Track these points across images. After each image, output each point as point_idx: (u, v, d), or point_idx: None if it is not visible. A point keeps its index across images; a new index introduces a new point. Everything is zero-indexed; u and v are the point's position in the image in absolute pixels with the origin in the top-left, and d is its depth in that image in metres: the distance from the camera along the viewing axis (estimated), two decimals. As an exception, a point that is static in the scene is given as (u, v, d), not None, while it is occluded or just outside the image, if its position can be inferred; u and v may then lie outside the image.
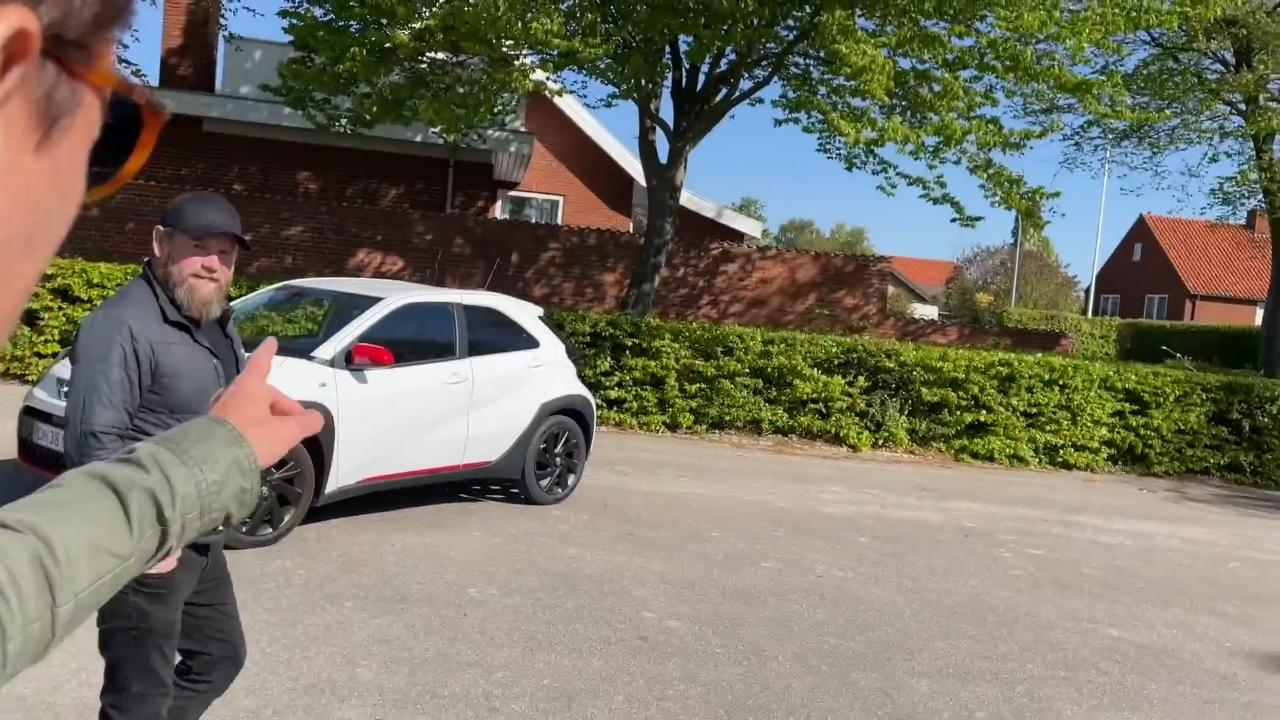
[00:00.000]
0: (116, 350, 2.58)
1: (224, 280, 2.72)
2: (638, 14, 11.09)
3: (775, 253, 17.20)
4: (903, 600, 6.30)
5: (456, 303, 7.55)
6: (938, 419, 12.40)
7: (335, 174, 16.70)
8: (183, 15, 16.99)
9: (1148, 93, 17.50)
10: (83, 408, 2.57)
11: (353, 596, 5.33)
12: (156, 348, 2.62)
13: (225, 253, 2.70)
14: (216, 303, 2.72)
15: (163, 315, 2.65)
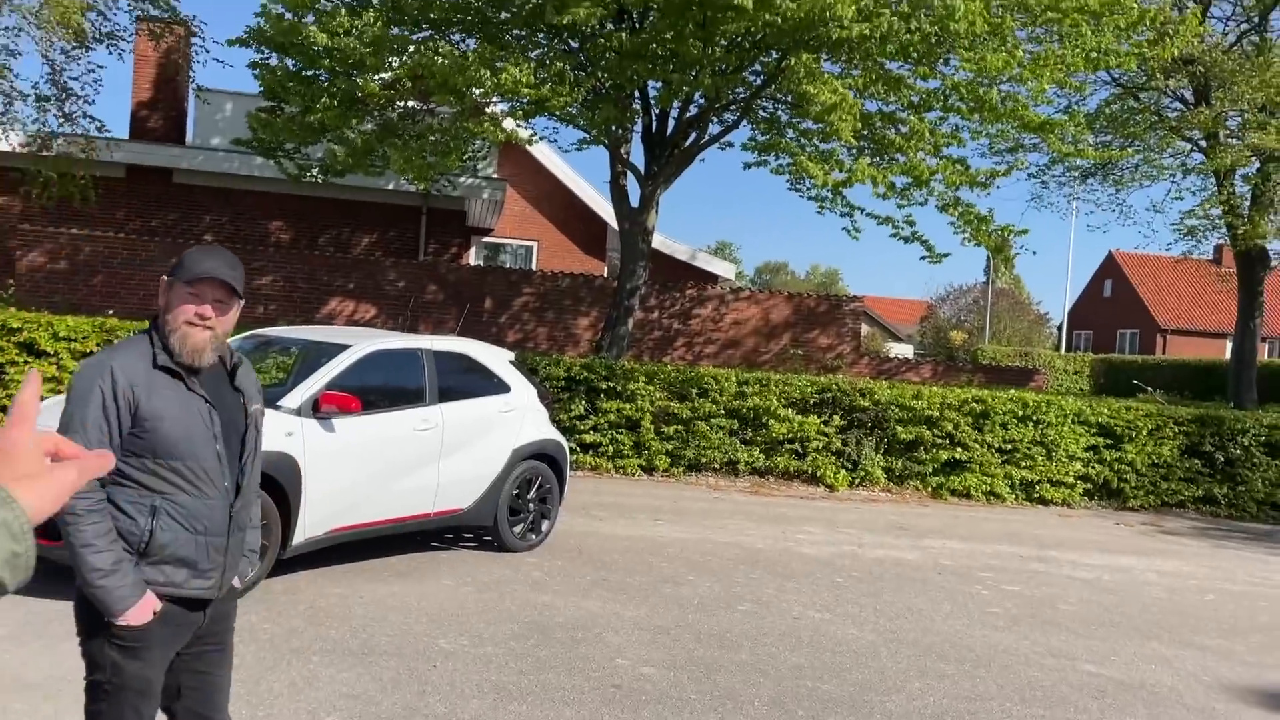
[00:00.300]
0: (95, 392, 2.60)
1: (220, 329, 2.70)
2: (607, 61, 11.20)
3: (749, 294, 17.28)
4: (880, 641, 6.23)
5: (426, 349, 7.50)
6: (913, 457, 12.41)
7: (307, 223, 16.67)
8: (153, 69, 17.02)
9: (1110, 131, 17.82)
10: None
11: (320, 650, 5.21)
12: (138, 391, 2.62)
13: (221, 302, 2.69)
14: (210, 350, 2.70)
15: (153, 360, 2.67)
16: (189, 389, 2.71)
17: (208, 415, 2.72)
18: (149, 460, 2.64)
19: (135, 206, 16.15)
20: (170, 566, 2.68)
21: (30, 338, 10.89)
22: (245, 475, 2.82)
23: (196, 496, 2.70)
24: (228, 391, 2.84)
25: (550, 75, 10.63)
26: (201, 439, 2.69)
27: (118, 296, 14.45)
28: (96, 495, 2.59)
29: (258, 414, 2.92)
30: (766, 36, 10.47)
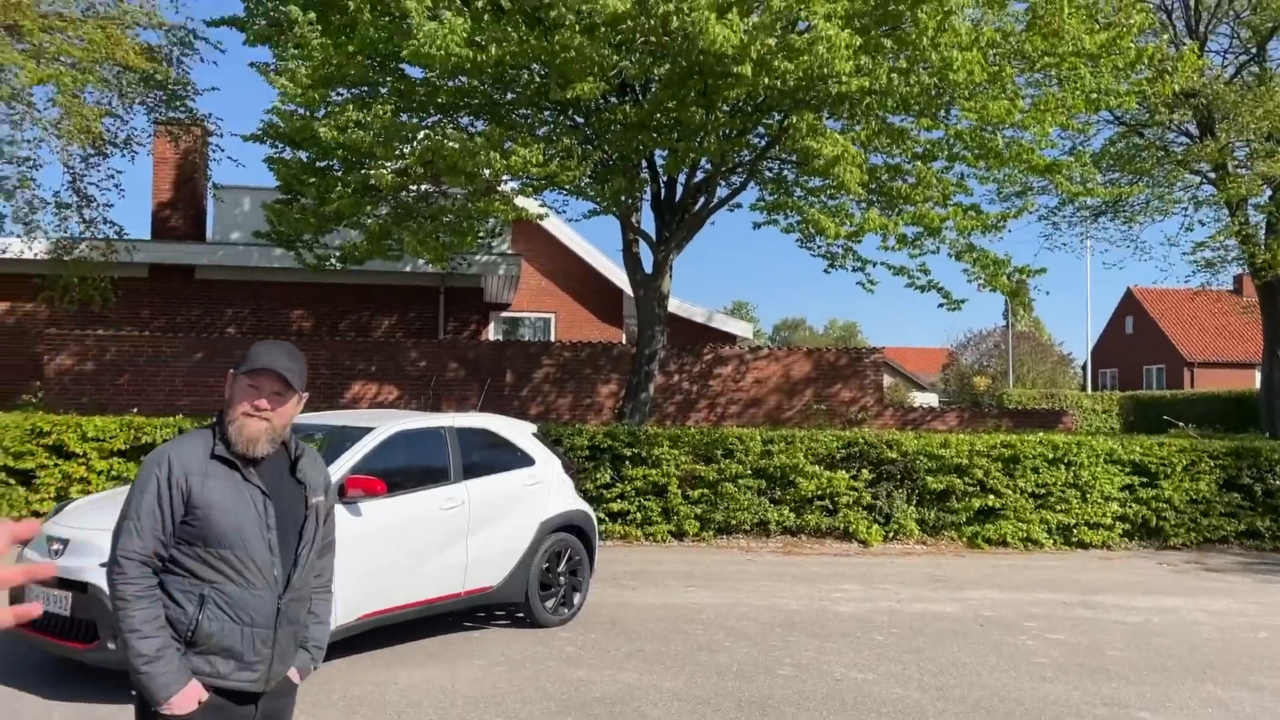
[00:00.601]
0: (152, 480, 2.68)
1: (277, 421, 2.74)
2: (612, 133, 11.39)
3: (768, 352, 17.28)
4: (925, 699, 6.09)
5: (448, 426, 7.52)
6: (946, 507, 12.24)
7: (327, 309, 16.88)
8: (171, 170, 17.45)
9: (1117, 169, 17.86)
10: (117, 534, 2.69)
11: (355, 740, 5.13)
12: (192, 479, 2.67)
13: (278, 394, 2.73)
14: (265, 441, 2.73)
15: (211, 450, 2.73)
16: (244, 479, 2.73)
17: (261, 505, 2.74)
18: (200, 548, 2.67)
19: (159, 304, 16.42)
20: (216, 657, 2.68)
21: (59, 440, 11.01)
22: (299, 567, 2.80)
23: (244, 587, 2.70)
24: (288, 482, 2.84)
25: (558, 151, 10.80)
26: (252, 529, 2.70)
27: (144, 394, 14.61)
28: (148, 582, 2.64)
29: (319, 506, 2.90)
30: (767, 99, 10.63)
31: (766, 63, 9.05)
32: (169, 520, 2.67)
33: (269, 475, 2.80)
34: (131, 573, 2.63)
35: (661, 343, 13.57)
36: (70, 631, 5.70)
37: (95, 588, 5.55)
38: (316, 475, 2.93)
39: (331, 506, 3.00)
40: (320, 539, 2.92)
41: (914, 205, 11.35)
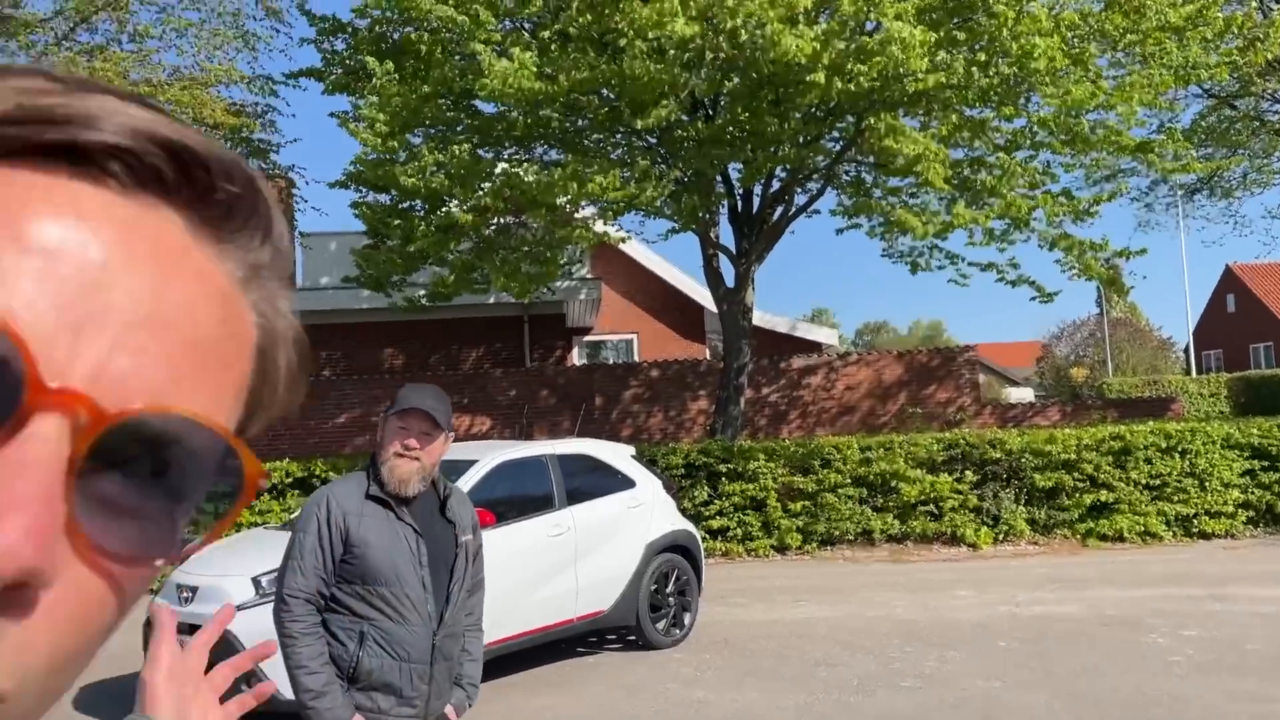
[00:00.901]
0: (312, 520, 2.79)
1: (426, 461, 2.80)
2: (686, 150, 11.40)
3: (857, 357, 17.03)
4: (1059, 705, 5.88)
5: (550, 454, 7.57)
6: (1056, 504, 11.87)
7: (416, 346, 17.21)
8: (260, 221, 18.00)
9: (1210, 143, 17.21)
10: (281, 573, 2.82)
11: (484, 771, 5.17)
12: (349, 519, 2.77)
13: (427, 434, 2.79)
14: (416, 480, 2.80)
15: (366, 491, 2.82)
16: (398, 518, 2.81)
17: (414, 544, 2.81)
18: (358, 586, 2.76)
19: (256, 352, 16.91)
20: (378, 693, 2.76)
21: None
22: (451, 604, 2.86)
23: (400, 624, 2.76)
24: (438, 521, 2.91)
25: (635, 174, 10.85)
26: (406, 567, 2.77)
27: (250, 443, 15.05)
28: (312, 619, 2.74)
29: (469, 544, 2.95)
30: (841, 102, 10.53)
31: (840, 67, 8.96)
32: (329, 559, 2.77)
33: (420, 514, 2.86)
34: (297, 610, 2.74)
35: (749, 356, 13.48)
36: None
37: (228, 632, 5.70)
38: (465, 514, 2.99)
39: (480, 545, 3.04)
40: (470, 577, 2.96)
41: (1000, 197, 11.08)
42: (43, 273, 0.34)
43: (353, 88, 12.06)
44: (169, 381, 0.36)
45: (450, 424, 2.86)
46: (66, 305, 0.34)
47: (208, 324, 0.39)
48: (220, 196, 0.40)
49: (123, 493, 0.36)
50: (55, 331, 0.33)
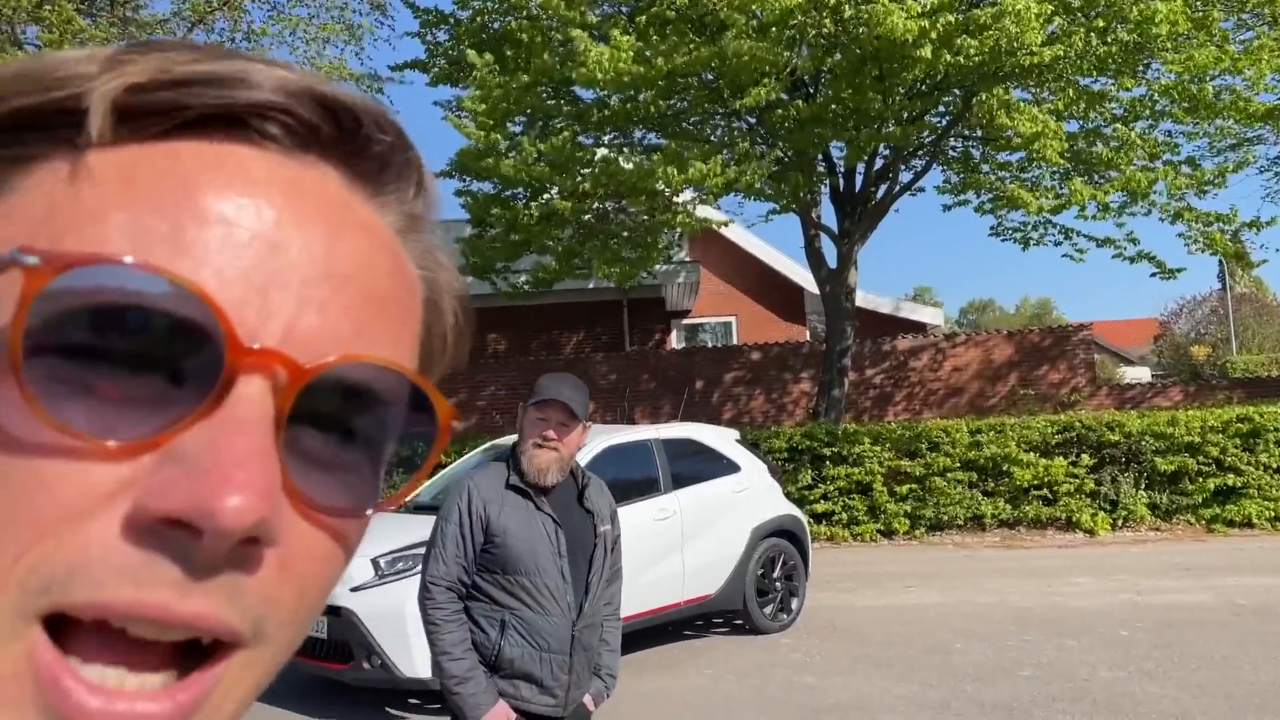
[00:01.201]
0: (454, 510, 2.84)
1: (564, 451, 2.81)
2: (787, 130, 11.24)
3: (965, 337, 16.59)
4: (1187, 697, 5.65)
5: (654, 438, 7.59)
6: (1179, 489, 11.38)
7: (518, 331, 17.44)
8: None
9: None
10: (425, 560, 2.86)
11: (597, 752, 5.23)
12: (490, 508, 2.80)
13: (565, 425, 2.80)
14: (555, 470, 2.81)
15: (506, 481, 2.84)
16: (537, 508, 2.82)
17: (553, 533, 2.82)
18: (499, 575, 2.79)
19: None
20: (520, 681, 2.78)
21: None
22: (590, 594, 2.86)
23: (540, 613, 2.78)
24: (577, 511, 2.91)
25: (736, 156, 10.75)
26: (546, 556, 2.78)
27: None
28: (454, 606, 2.78)
29: (607, 534, 2.95)
30: (948, 77, 10.23)
31: (948, 41, 8.70)
32: (470, 547, 2.80)
33: (559, 504, 2.87)
34: (439, 598, 2.78)
35: (851, 337, 13.27)
36: (327, 653, 6.08)
37: (349, 611, 5.90)
38: (603, 503, 2.99)
39: (618, 535, 3.02)
40: (608, 567, 2.95)
41: (1118, 170, 10.62)
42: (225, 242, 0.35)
43: (456, 78, 12.25)
44: (353, 334, 0.37)
45: (586, 414, 2.86)
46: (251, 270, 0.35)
47: (381, 276, 0.39)
48: (375, 149, 0.41)
49: (324, 447, 0.37)
50: (245, 296, 0.35)
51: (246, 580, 0.34)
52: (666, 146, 10.84)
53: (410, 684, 5.89)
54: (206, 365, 0.33)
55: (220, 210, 0.35)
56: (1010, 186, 10.61)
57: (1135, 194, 10.88)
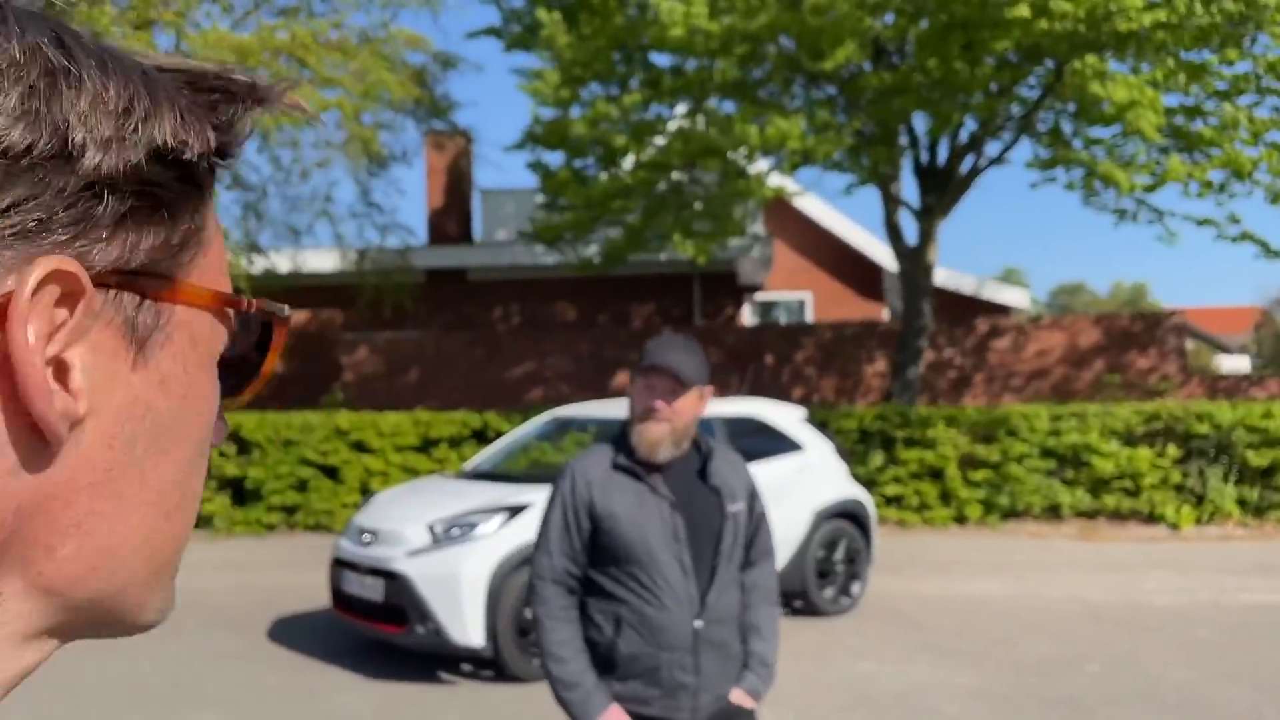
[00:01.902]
0: (557, 496, 2.58)
1: (677, 422, 2.47)
2: (868, 101, 10.91)
3: (1050, 320, 16.03)
4: (1264, 700, 5.35)
5: (715, 415, 7.45)
6: (1272, 485, 10.84)
7: (587, 302, 17.41)
8: (441, 178, 18.63)
9: None
10: (534, 555, 2.62)
11: (645, 728, 5.16)
12: (595, 490, 2.52)
13: (674, 392, 2.47)
14: (667, 444, 2.48)
15: (613, 460, 2.55)
16: (650, 489, 2.51)
17: (669, 517, 2.49)
18: (611, 567, 2.51)
19: (436, 306, 17.57)
20: (637, 682, 2.49)
21: (359, 438, 11.99)
22: (716, 585, 2.51)
23: (656, 608, 2.47)
24: (701, 490, 2.56)
25: (816, 125, 10.47)
26: (660, 543, 2.47)
27: (428, 391, 15.67)
28: (561, 601, 2.53)
29: (738, 515, 2.58)
30: (1040, 45, 9.78)
31: (1042, 6, 8.28)
32: (576, 536, 2.53)
33: (678, 483, 2.54)
34: (544, 593, 2.54)
35: (929, 317, 12.91)
36: (383, 616, 6.12)
37: (403, 575, 5.92)
38: (734, 479, 2.62)
39: (761, 512, 2.69)
40: (742, 549, 2.60)
41: (1220, 148, 10.06)
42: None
43: (530, 44, 12.16)
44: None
45: (703, 376, 2.51)
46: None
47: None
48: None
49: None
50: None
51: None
52: (743, 108, 10.60)
53: (463, 650, 5.90)
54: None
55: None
56: (1102, 163, 10.12)
57: (1239, 174, 10.30)
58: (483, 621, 5.83)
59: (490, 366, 15.70)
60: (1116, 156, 11.03)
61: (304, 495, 11.83)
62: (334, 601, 6.57)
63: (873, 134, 11.39)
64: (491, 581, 5.87)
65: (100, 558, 0.44)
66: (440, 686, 5.94)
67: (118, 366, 0.44)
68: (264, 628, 7.31)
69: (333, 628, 6.99)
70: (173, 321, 0.47)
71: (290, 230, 14.71)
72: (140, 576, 0.47)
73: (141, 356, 0.45)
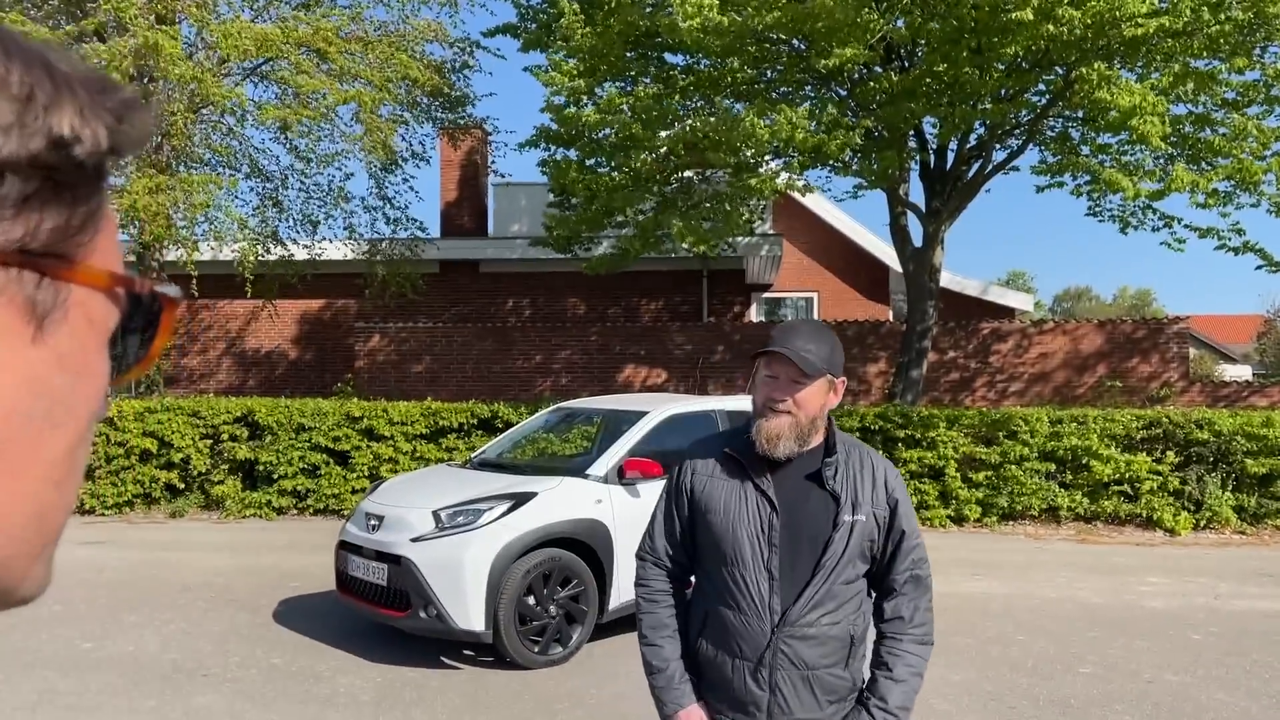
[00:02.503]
0: (671, 479, 2.48)
1: (801, 415, 2.24)
2: (878, 104, 10.98)
3: (1053, 325, 16.11)
4: (1256, 708, 5.44)
5: (718, 409, 7.56)
6: (1270, 493, 10.91)
7: (597, 297, 17.52)
8: (456, 171, 18.75)
9: None
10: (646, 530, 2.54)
11: (646, 716, 5.26)
12: (698, 480, 2.38)
13: (797, 382, 2.24)
14: (789, 440, 2.25)
15: (724, 449, 2.39)
16: (754, 485, 2.30)
17: (765, 516, 2.28)
18: (705, 561, 2.37)
19: (448, 297, 17.70)
20: (711, 691, 2.33)
21: (369, 424, 12.11)
22: (806, 596, 2.24)
23: (734, 612, 2.28)
24: (816, 494, 2.29)
25: (825, 122, 10.55)
26: (749, 543, 2.27)
27: (439, 381, 15.81)
28: (658, 585, 2.43)
29: (858, 526, 2.27)
30: (1049, 52, 9.85)
31: (1048, 12, 8.36)
32: (678, 523, 2.42)
33: (792, 483, 2.30)
34: (643, 574, 2.45)
35: (933, 318, 12.99)
36: (387, 600, 6.24)
37: (407, 560, 6.04)
38: (864, 487, 2.31)
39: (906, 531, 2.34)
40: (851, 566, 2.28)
41: (1228, 158, 10.12)
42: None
43: (546, 43, 12.26)
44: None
45: (832, 365, 2.27)
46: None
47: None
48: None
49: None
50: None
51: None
52: (755, 104, 10.68)
53: (463, 635, 6.01)
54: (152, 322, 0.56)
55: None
56: (1106, 170, 10.18)
57: (1245, 183, 10.36)
58: (484, 608, 5.95)
59: (501, 358, 15.82)
60: (1122, 163, 11.10)
61: (314, 480, 11.97)
62: (339, 584, 6.70)
63: (882, 138, 11.46)
64: (494, 569, 5.99)
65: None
66: (441, 671, 6.05)
67: (17, 342, 0.47)
68: (270, 609, 7.44)
69: (337, 610, 7.11)
70: (70, 300, 0.49)
71: (308, 220, 14.88)
72: (30, 547, 0.49)
73: (40, 333, 0.47)
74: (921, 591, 2.34)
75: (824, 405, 2.28)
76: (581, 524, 6.37)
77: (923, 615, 2.33)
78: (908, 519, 2.34)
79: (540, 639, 6.14)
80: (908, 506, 2.34)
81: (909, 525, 2.34)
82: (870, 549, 2.31)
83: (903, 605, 2.32)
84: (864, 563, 2.31)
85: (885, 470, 2.35)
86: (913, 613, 2.31)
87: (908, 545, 2.33)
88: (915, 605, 2.32)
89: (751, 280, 18.13)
